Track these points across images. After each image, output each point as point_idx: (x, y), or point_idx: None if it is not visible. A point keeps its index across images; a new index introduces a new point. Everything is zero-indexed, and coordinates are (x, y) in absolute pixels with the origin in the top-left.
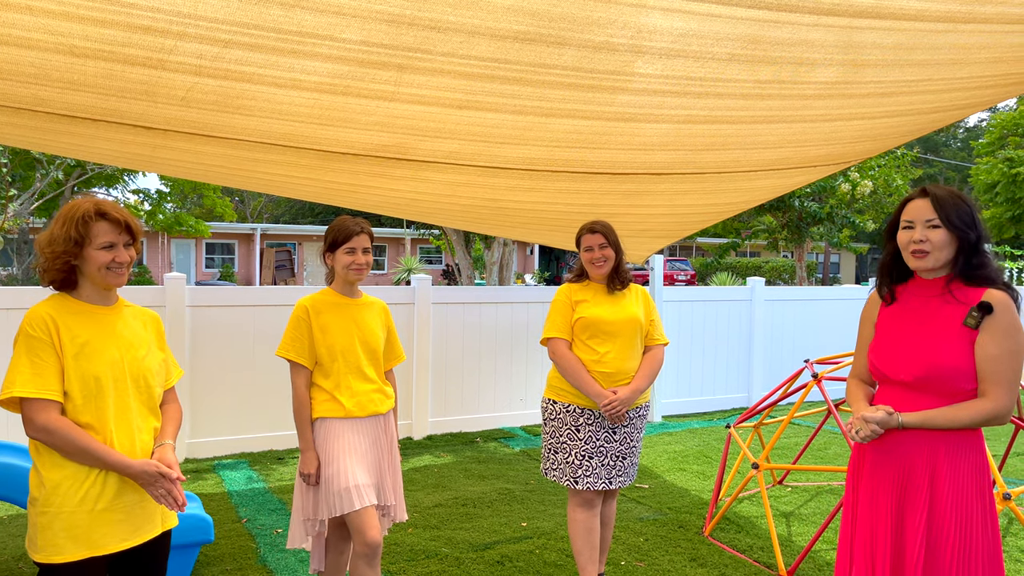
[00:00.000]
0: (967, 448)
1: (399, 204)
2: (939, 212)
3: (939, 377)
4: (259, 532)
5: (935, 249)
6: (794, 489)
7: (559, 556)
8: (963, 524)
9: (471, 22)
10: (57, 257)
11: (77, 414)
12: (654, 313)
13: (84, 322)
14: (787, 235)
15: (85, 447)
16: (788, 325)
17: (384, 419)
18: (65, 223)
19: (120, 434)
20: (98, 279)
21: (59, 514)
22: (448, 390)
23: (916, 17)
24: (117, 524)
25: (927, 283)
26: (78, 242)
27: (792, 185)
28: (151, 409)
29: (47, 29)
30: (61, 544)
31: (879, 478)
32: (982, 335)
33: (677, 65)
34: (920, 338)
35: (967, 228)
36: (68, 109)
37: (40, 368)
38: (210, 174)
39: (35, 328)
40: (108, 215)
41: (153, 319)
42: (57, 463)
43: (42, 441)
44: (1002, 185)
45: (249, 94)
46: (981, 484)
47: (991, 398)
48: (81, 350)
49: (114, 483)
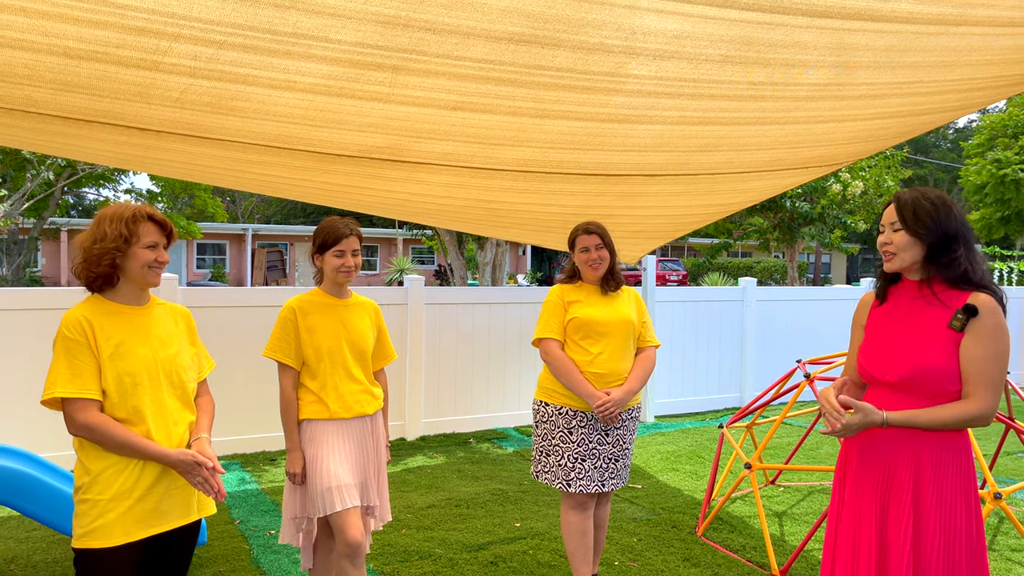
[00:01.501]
0: (952, 450)
1: (393, 205)
2: (899, 215)
3: (923, 378)
4: (252, 533)
5: (899, 251)
6: (786, 489)
7: (552, 556)
8: (947, 525)
9: (466, 23)
10: (106, 253)
11: (114, 410)
12: (646, 315)
13: (118, 323)
14: (778, 235)
15: (124, 440)
16: (780, 325)
17: (371, 420)
18: (114, 221)
19: (156, 428)
20: (139, 277)
21: (97, 502)
22: (441, 391)
23: (908, 19)
24: (152, 511)
25: (912, 284)
26: (127, 239)
27: (785, 186)
28: (185, 403)
29: (41, 30)
30: (99, 529)
31: (863, 479)
32: (967, 337)
33: (670, 67)
34: (905, 339)
35: (926, 230)
36: (61, 110)
37: (78, 369)
38: (204, 175)
39: (71, 331)
40: (154, 217)
41: (184, 314)
42: (100, 454)
43: (85, 437)
44: (991, 186)
45: (244, 95)
46: (966, 486)
47: (975, 400)
48: (116, 350)
49: (152, 472)
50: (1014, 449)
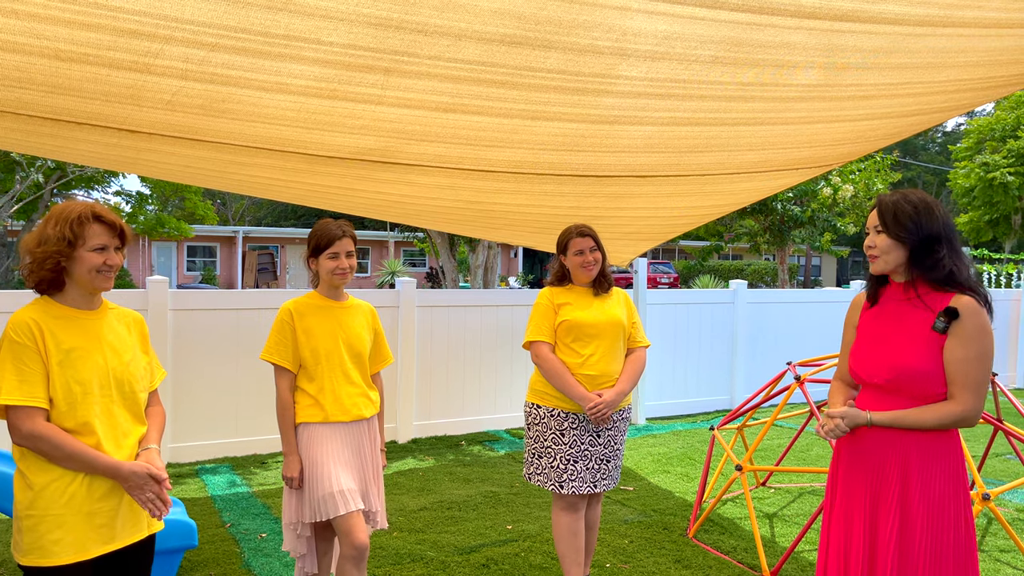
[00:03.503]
0: (940, 451)
1: (385, 207)
2: (880, 218)
3: (908, 380)
4: (243, 537)
5: (882, 253)
6: (777, 490)
7: (544, 559)
8: (934, 526)
9: (458, 25)
10: (48, 257)
11: (62, 420)
12: (635, 316)
13: (69, 327)
14: (769, 238)
15: (73, 452)
16: (770, 327)
17: (368, 423)
18: (58, 223)
19: (106, 440)
20: (87, 282)
21: (45, 517)
22: (432, 393)
23: (895, 21)
24: (103, 527)
25: (898, 287)
26: (71, 242)
27: (775, 188)
28: (136, 415)
29: (33, 33)
30: (47, 547)
31: (853, 480)
32: (950, 339)
33: (661, 68)
34: (891, 341)
35: (906, 233)
36: (52, 112)
37: (26, 375)
38: (196, 176)
39: (20, 334)
40: (103, 218)
41: (137, 321)
42: (43, 467)
43: (29, 448)
44: (979, 189)
45: (235, 98)
46: (956, 487)
47: (959, 401)
48: (66, 357)
49: (101, 486)
50: (1003, 451)
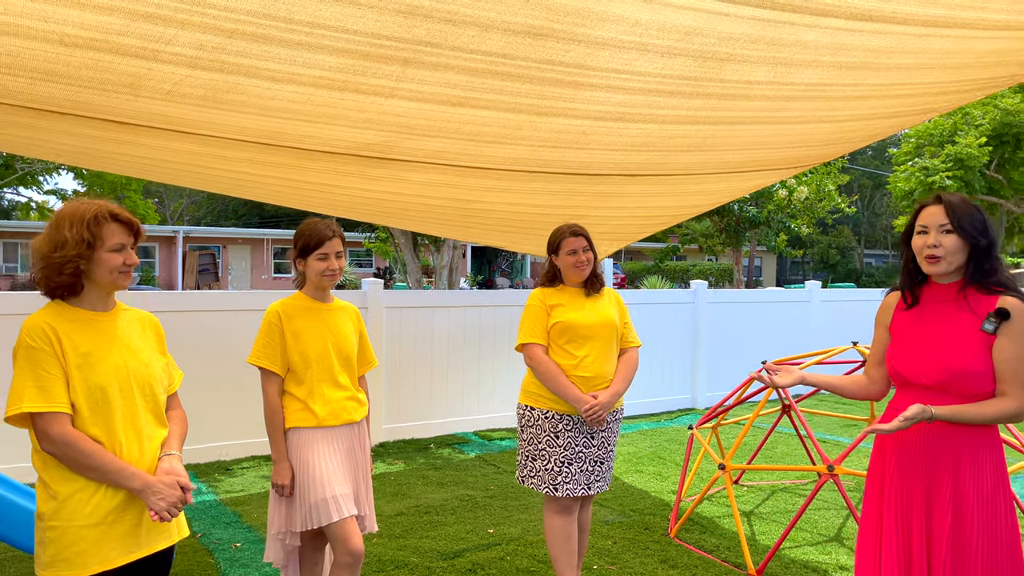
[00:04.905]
0: (987, 445)
1: (365, 205)
2: (951, 218)
3: (960, 380)
4: (216, 547)
5: (948, 254)
6: (750, 488)
7: (531, 562)
8: (987, 516)
9: (487, 15)
10: (68, 262)
11: (86, 426)
12: (627, 315)
13: (84, 330)
14: (725, 239)
15: (99, 464)
16: (730, 327)
17: (358, 427)
18: (74, 224)
19: (130, 445)
20: (107, 282)
21: (68, 528)
22: (401, 396)
23: (905, 21)
24: (126, 536)
25: (942, 288)
26: (90, 244)
27: (750, 188)
28: (158, 417)
29: (40, 15)
30: (72, 559)
31: (907, 477)
32: (1000, 339)
33: (676, 64)
34: (939, 343)
35: (978, 234)
36: (35, 101)
37: (46, 381)
38: (173, 174)
39: (36, 339)
40: (119, 216)
41: (152, 322)
42: (67, 476)
43: (57, 455)
44: (919, 192)
45: (241, 88)
46: (1001, 478)
47: (1013, 397)
48: (84, 360)
49: (125, 494)
50: None
